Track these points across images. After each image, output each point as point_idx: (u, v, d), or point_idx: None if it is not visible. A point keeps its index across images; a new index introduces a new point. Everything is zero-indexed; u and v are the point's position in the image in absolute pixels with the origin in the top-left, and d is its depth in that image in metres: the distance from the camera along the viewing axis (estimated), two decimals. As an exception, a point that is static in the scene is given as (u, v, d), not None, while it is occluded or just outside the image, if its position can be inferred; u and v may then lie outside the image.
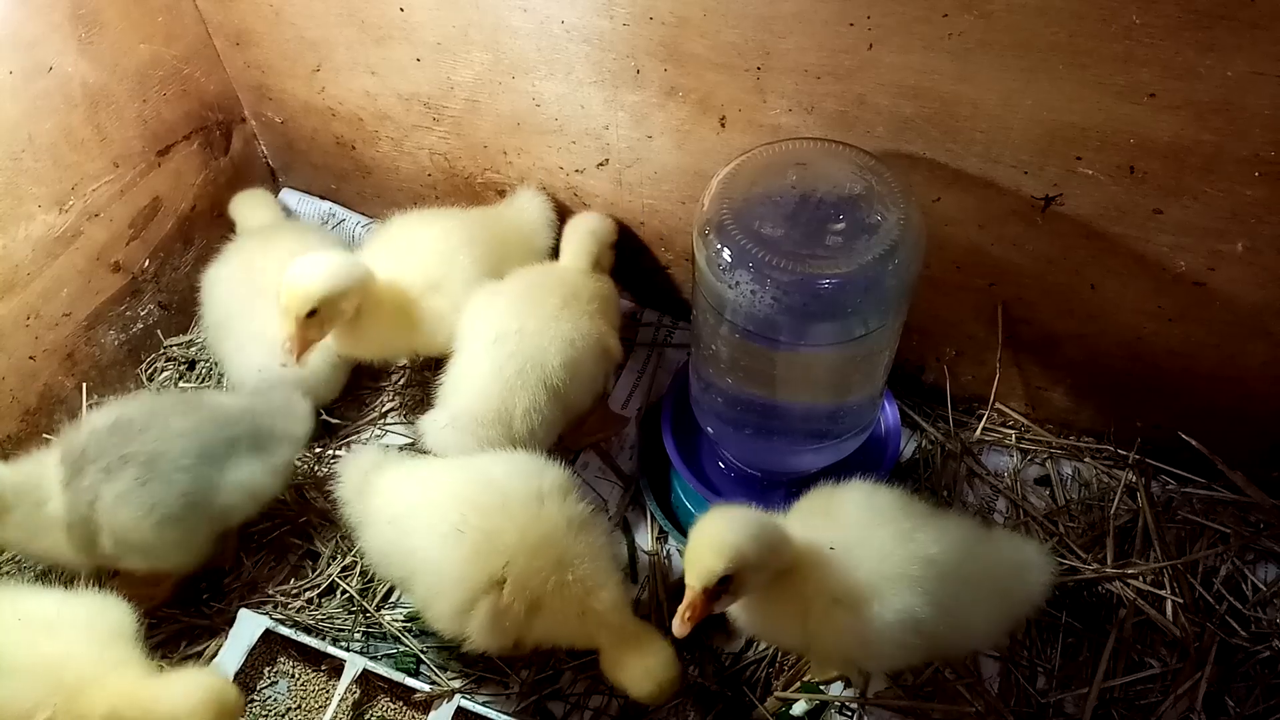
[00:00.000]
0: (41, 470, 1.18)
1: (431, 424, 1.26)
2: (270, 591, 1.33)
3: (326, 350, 1.39)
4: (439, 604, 1.09)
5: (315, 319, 1.25)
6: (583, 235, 1.44)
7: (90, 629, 1.04)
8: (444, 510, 1.11)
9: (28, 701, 0.96)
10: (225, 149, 1.71)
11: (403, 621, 1.31)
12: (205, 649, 1.27)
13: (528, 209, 1.51)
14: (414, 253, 1.39)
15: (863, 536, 1.03)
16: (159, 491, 1.17)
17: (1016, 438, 1.46)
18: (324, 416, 1.50)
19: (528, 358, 1.26)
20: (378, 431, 1.52)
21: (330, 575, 1.35)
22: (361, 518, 1.19)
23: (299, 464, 1.47)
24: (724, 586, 0.96)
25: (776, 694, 1.23)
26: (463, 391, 1.28)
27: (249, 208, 1.65)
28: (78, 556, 1.19)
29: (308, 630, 1.27)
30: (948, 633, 1.02)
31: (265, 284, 1.40)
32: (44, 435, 1.48)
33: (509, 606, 1.07)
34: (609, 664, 1.10)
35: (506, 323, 1.29)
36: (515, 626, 1.08)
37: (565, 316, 1.30)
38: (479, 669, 1.26)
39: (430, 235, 1.41)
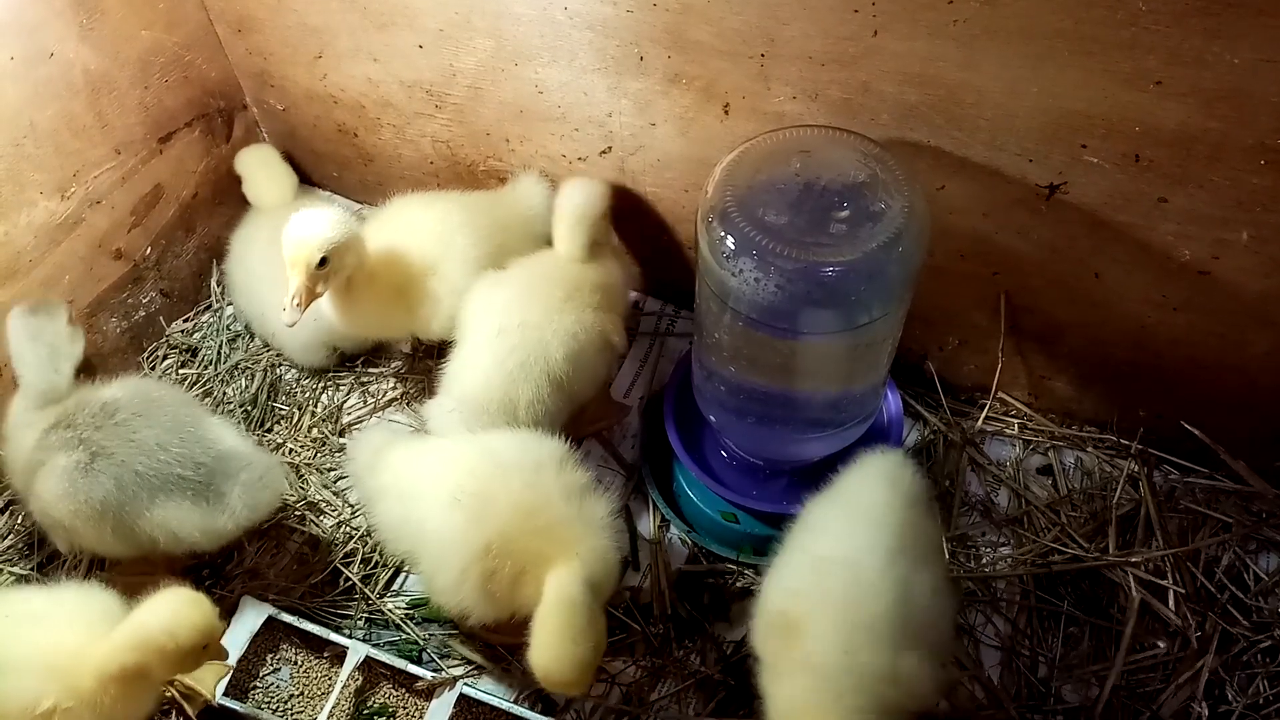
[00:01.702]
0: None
1: (437, 409, 1.26)
2: (272, 578, 1.33)
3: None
4: (442, 576, 1.10)
5: (323, 270, 1.24)
6: (571, 222, 1.36)
7: (79, 615, 1.04)
8: (448, 483, 1.12)
9: (29, 693, 0.96)
10: (227, 136, 1.71)
11: (405, 609, 1.31)
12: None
13: (530, 194, 1.50)
14: (412, 235, 1.38)
15: (861, 561, 1.01)
16: (83, 487, 1.15)
17: (1019, 427, 1.45)
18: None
19: (530, 351, 1.26)
20: (378, 419, 1.52)
21: (332, 562, 1.35)
22: (372, 494, 1.20)
23: (299, 450, 1.47)
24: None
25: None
26: (466, 383, 1.28)
27: (260, 177, 1.66)
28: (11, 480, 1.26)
29: (310, 617, 1.27)
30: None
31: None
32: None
33: (495, 570, 1.06)
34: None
35: (509, 316, 1.28)
36: (504, 593, 1.08)
37: (568, 309, 1.30)
38: (481, 656, 1.26)
39: (428, 218, 1.40)
